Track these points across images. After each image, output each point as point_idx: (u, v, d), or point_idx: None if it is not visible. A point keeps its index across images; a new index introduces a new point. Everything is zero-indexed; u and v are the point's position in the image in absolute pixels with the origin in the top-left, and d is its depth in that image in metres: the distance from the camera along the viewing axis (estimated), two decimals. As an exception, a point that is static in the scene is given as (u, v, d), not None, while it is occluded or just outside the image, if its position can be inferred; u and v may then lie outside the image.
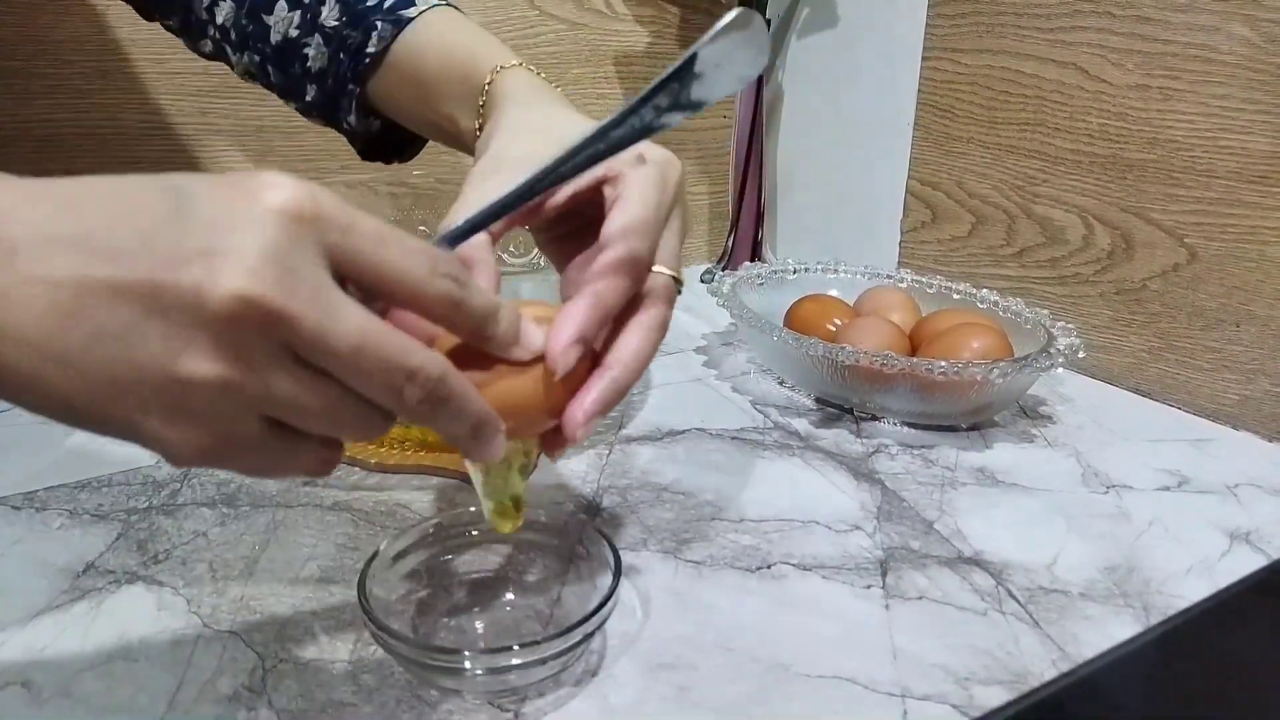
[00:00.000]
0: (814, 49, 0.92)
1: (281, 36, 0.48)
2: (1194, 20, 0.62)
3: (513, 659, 0.36)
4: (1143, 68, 0.66)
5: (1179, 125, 0.65)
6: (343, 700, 0.38)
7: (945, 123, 0.81)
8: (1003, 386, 0.60)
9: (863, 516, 0.52)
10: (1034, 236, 0.75)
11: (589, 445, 0.60)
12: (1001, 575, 0.47)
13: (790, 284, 0.78)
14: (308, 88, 0.49)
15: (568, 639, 0.36)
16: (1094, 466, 0.59)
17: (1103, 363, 0.72)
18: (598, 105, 0.91)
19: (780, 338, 0.63)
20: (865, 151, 0.89)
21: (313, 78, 0.49)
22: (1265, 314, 0.62)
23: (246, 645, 0.41)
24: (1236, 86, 0.61)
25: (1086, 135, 0.70)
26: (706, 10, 0.94)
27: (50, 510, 0.52)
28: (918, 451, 0.60)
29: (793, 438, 0.62)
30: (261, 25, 0.48)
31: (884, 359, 0.59)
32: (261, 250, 0.25)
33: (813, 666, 0.40)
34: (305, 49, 0.48)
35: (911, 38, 0.82)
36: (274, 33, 0.48)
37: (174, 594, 0.45)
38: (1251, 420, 0.64)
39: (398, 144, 0.54)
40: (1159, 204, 0.67)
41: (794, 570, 0.47)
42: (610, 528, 0.51)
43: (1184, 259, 0.66)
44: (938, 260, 0.84)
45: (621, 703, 0.38)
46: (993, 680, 0.40)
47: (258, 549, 0.48)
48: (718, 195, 1.02)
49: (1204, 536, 0.51)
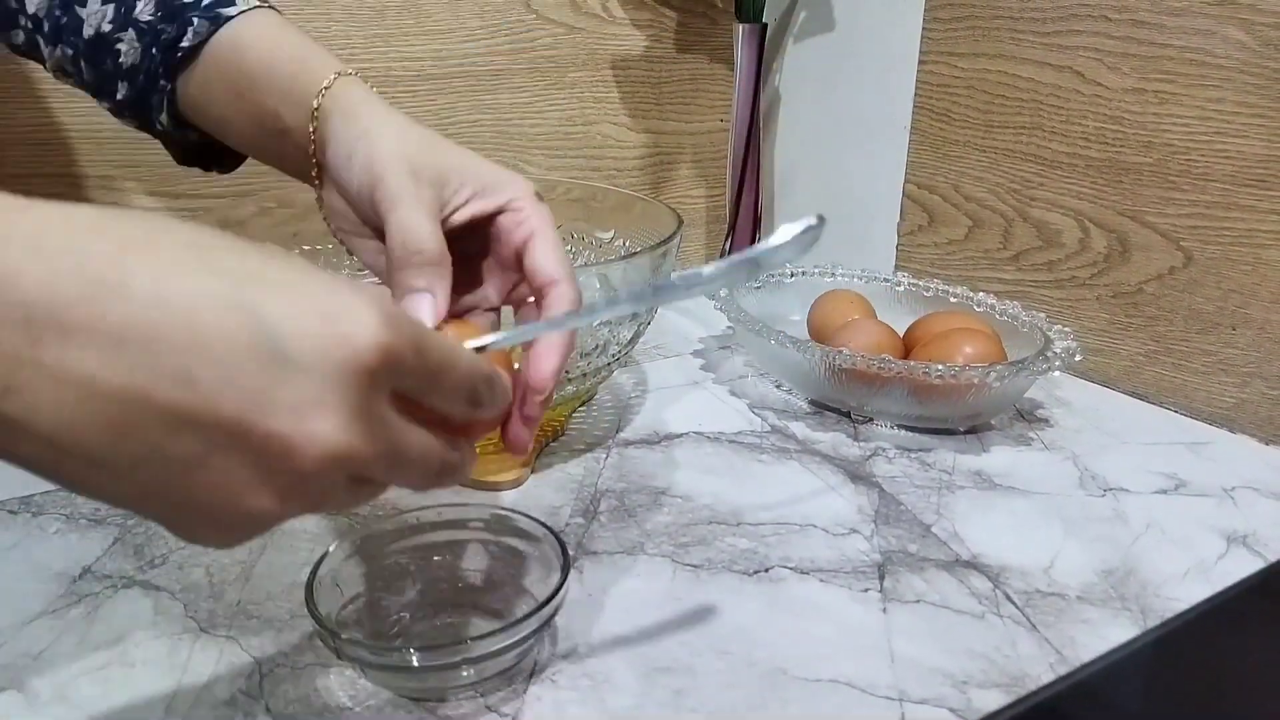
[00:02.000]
0: (811, 53, 0.92)
1: (94, 30, 0.47)
2: (1189, 24, 0.63)
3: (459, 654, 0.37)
4: (1138, 71, 0.66)
5: (1175, 129, 0.65)
6: (340, 705, 0.38)
7: (942, 126, 0.81)
8: (999, 390, 0.60)
9: (860, 520, 0.52)
10: (1030, 240, 0.76)
11: (586, 449, 0.60)
12: (999, 578, 0.47)
13: (787, 287, 0.78)
14: (119, 85, 0.47)
15: (519, 630, 0.37)
16: (1091, 469, 0.59)
17: (1099, 366, 0.72)
18: (595, 109, 0.91)
19: (777, 341, 0.63)
20: (862, 155, 0.89)
21: (124, 74, 0.47)
22: (1261, 317, 0.62)
23: (243, 650, 0.41)
24: (1232, 90, 0.61)
25: (1082, 139, 0.70)
26: (703, 14, 0.94)
27: (47, 515, 0.52)
28: (915, 455, 0.60)
29: (790, 441, 0.62)
30: (75, 17, 0.47)
31: (881, 362, 0.59)
32: (351, 408, 0.25)
33: (810, 670, 0.40)
34: (118, 44, 0.46)
35: (908, 42, 0.82)
36: (87, 26, 0.47)
37: (171, 599, 0.44)
38: (1248, 423, 0.64)
39: (216, 153, 0.52)
40: (1155, 207, 0.67)
41: (791, 574, 0.47)
42: (608, 532, 0.51)
43: (1180, 262, 0.66)
44: (934, 263, 0.84)
45: (618, 706, 0.38)
46: (990, 683, 0.40)
47: (254, 553, 0.48)
48: (715, 198, 1.02)
49: (1201, 539, 0.51)
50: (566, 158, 0.91)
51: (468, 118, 0.84)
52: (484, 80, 0.84)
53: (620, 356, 0.59)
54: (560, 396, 0.56)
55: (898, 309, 0.75)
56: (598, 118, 0.92)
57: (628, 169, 0.95)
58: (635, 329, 0.58)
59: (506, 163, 0.86)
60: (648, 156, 0.96)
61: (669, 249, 0.58)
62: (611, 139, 0.93)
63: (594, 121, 0.92)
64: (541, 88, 0.87)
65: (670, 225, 0.60)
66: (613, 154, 0.94)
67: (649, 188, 0.97)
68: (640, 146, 0.95)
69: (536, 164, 0.89)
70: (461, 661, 0.37)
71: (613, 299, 0.34)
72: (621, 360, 0.60)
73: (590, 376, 0.57)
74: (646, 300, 0.37)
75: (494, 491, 0.55)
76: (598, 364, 0.57)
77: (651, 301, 0.39)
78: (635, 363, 0.74)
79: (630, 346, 0.60)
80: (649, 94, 0.94)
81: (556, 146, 0.90)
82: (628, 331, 0.58)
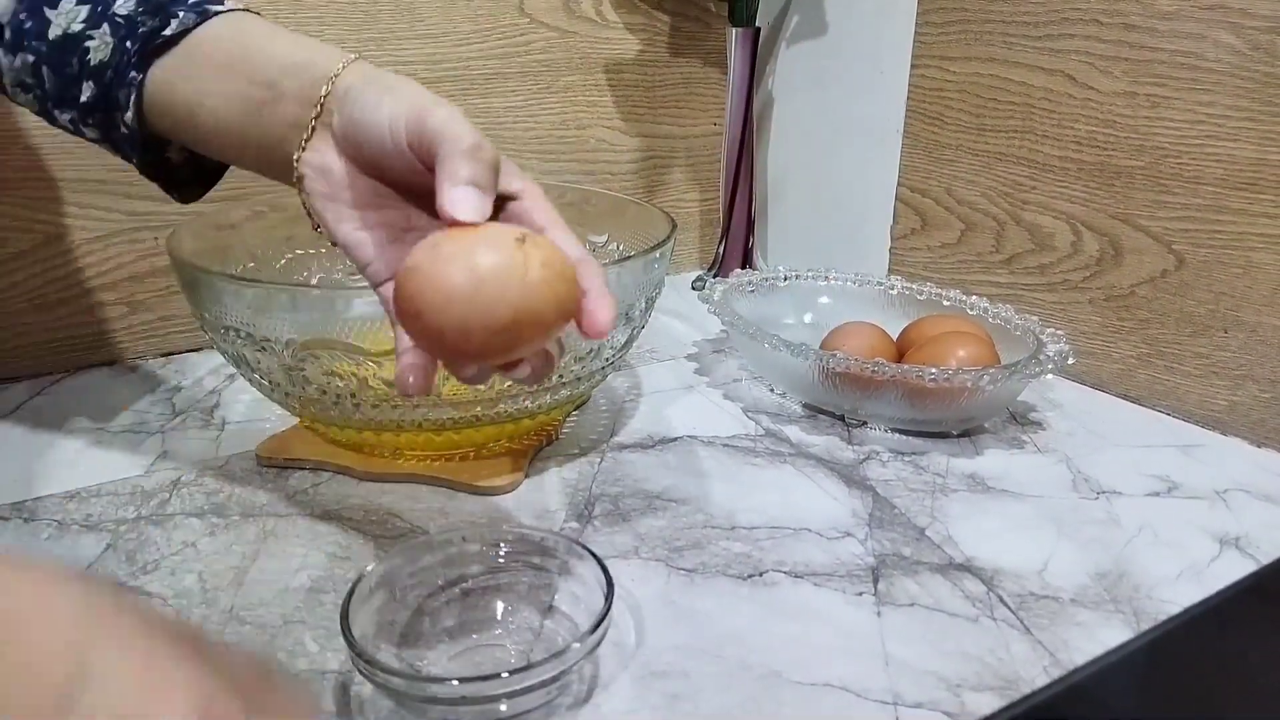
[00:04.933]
0: (804, 56, 0.92)
1: (62, 31, 0.45)
2: (1180, 28, 0.63)
3: (500, 687, 0.35)
4: (1130, 75, 0.66)
5: (1166, 132, 0.65)
6: (335, 711, 0.38)
7: (934, 130, 0.81)
8: (993, 393, 0.60)
9: (854, 523, 0.52)
10: (1023, 243, 0.76)
11: (580, 453, 0.60)
12: (992, 581, 0.47)
13: (781, 291, 0.78)
14: (84, 86, 0.45)
15: (560, 663, 0.36)
16: (1084, 472, 0.59)
17: (1092, 369, 0.73)
18: (589, 113, 0.91)
19: (771, 345, 0.63)
20: (855, 159, 0.89)
21: (91, 72, 0.45)
22: (1253, 320, 0.62)
23: (236, 656, 0.41)
24: (1223, 94, 0.62)
25: (1074, 142, 0.71)
26: (696, 18, 0.94)
27: (39, 520, 0.51)
28: (908, 458, 0.60)
29: (784, 445, 0.62)
30: (41, 20, 0.45)
31: (874, 366, 0.59)
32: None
33: (805, 674, 0.40)
34: (88, 42, 0.45)
35: (900, 46, 0.82)
36: (54, 28, 0.45)
37: (163, 604, 0.44)
38: (1240, 425, 0.64)
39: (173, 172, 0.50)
40: (1147, 210, 0.67)
41: (786, 578, 0.47)
42: (602, 536, 0.51)
43: (1172, 265, 0.66)
44: (927, 267, 0.84)
45: (613, 711, 0.38)
46: (984, 686, 0.40)
47: (247, 559, 0.48)
48: (708, 203, 1.02)
49: (1193, 542, 0.51)
50: (560, 161, 0.91)
51: (461, 122, 0.84)
52: (477, 84, 0.84)
53: (614, 360, 0.59)
54: (554, 400, 0.56)
55: (891, 312, 0.75)
56: (591, 121, 0.92)
57: (621, 173, 0.95)
58: (630, 333, 0.58)
59: (500, 167, 0.87)
60: (641, 160, 0.96)
61: (662, 253, 0.58)
62: (605, 143, 0.93)
63: (587, 125, 0.92)
64: (535, 91, 0.87)
65: (664, 229, 0.60)
66: (606, 158, 0.94)
67: (642, 191, 0.97)
68: (633, 150, 0.95)
69: (530, 168, 0.89)
70: (502, 695, 0.36)
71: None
72: (616, 364, 0.60)
73: (585, 380, 0.57)
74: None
75: (489, 496, 0.55)
76: (592, 367, 0.57)
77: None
78: (629, 367, 0.74)
79: (625, 350, 0.60)
80: (642, 98, 0.94)
81: (550, 150, 0.90)
82: (622, 335, 0.58)
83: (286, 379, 0.52)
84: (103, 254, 0.73)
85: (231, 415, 0.65)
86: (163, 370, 0.73)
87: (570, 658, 0.37)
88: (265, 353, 0.51)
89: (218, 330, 0.53)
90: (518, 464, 0.57)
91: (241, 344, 0.52)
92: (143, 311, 0.75)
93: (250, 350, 0.52)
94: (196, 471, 0.57)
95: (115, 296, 0.74)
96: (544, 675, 0.36)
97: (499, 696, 0.36)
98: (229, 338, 0.52)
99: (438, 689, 0.36)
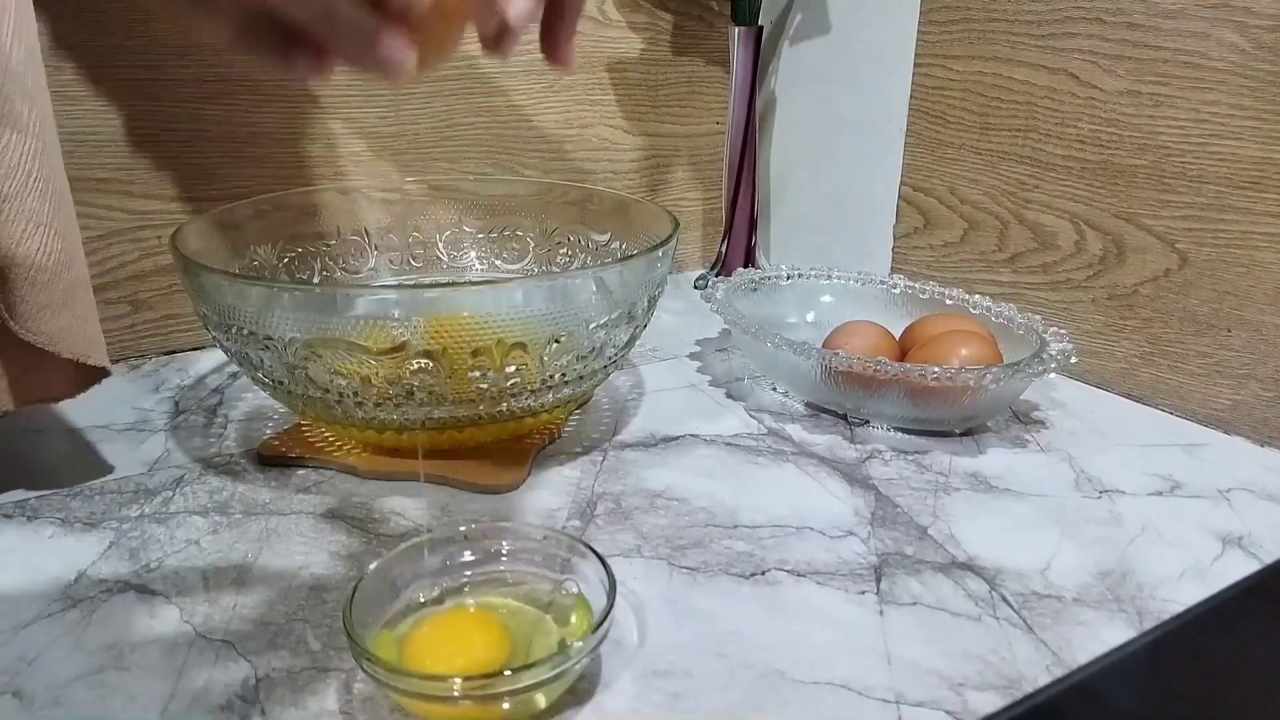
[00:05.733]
0: (807, 55, 0.92)
1: None
2: (1184, 27, 0.63)
3: (501, 686, 0.35)
4: (1133, 74, 0.66)
5: (1170, 131, 0.65)
6: (336, 710, 0.38)
7: (937, 129, 0.81)
8: (995, 392, 0.60)
9: (856, 522, 0.52)
10: (1026, 242, 0.76)
11: (582, 452, 0.60)
12: (995, 580, 0.47)
13: (783, 290, 0.78)
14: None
15: (561, 661, 0.36)
16: (1087, 471, 0.59)
17: (1095, 368, 0.72)
18: (592, 112, 0.91)
19: (773, 344, 0.63)
20: (858, 157, 0.89)
21: None
22: (1256, 319, 0.62)
23: (239, 654, 0.41)
24: (1226, 93, 0.61)
25: (1078, 141, 0.70)
26: (699, 17, 0.94)
27: (42, 519, 0.51)
28: (911, 457, 0.60)
29: (786, 443, 0.62)
30: None
31: (877, 364, 0.59)
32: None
33: (807, 673, 0.40)
34: None
35: (903, 44, 0.82)
36: None
37: (166, 603, 0.44)
38: (1243, 425, 0.64)
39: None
40: (1150, 209, 0.67)
41: (788, 576, 0.47)
42: (604, 534, 0.51)
43: (1175, 264, 0.66)
44: (930, 266, 0.84)
45: (615, 710, 0.38)
46: (987, 685, 0.40)
47: (250, 557, 0.48)
48: (711, 201, 1.02)
49: (1196, 541, 0.51)
50: (562, 160, 0.91)
51: (464, 120, 0.84)
52: (480, 83, 0.84)
53: (617, 359, 0.59)
54: (556, 399, 0.56)
55: (894, 311, 0.75)
56: (594, 120, 0.92)
57: (624, 172, 0.95)
58: (632, 332, 0.58)
59: (503, 165, 0.87)
60: (644, 159, 0.96)
61: (665, 252, 0.58)
62: (607, 142, 0.93)
63: (590, 124, 0.92)
64: (538, 90, 0.87)
65: (666, 228, 0.60)
66: (609, 157, 0.94)
67: (645, 190, 0.97)
68: (636, 149, 0.95)
69: (533, 167, 0.89)
70: (503, 694, 0.36)
71: None
72: (618, 363, 0.60)
73: (587, 379, 0.57)
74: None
75: (491, 495, 0.55)
76: (594, 366, 0.57)
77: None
78: (632, 365, 0.75)
79: (627, 349, 0.60)
80: (645, 97, 0.94)
81: (553, 149, 0.90)
82: (624, 334, 0.58)
83: (289, 377, 0.52)
84: (105, 253, 0.73)
85: (234, 414, 0.65)
86: (166, 369, 0.73)
87: (572, 656, 0.37)
88: (268, 351, 0.51)
89: (221, 329, 0.53)
90: (520, 463, 0.57)
91: (244, 342, 0.52)
92: (145, 310, 0.75)
93: (253, 349, 0.52)
94: (199, 470, 0.57)
95: (118, 295, 0.74)
96: (545, 674, 0.36)
97: (500, 695, 0.36)
98: (232, 336, 0.52)
99: (440, 687, 0.36)
